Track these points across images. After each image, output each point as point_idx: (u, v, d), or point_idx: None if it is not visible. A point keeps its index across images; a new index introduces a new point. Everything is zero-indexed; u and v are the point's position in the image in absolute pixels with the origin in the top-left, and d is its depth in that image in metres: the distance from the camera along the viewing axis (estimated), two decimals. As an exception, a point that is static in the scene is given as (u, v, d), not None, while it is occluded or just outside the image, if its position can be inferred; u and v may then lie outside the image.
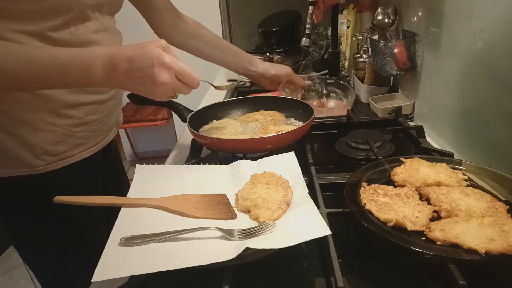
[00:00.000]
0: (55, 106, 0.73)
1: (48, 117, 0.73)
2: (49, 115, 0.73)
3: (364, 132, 0.92)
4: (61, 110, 0.74)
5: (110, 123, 0.90)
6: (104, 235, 0.92)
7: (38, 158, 0.74)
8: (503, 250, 0.46)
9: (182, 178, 0.71)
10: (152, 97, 0.66)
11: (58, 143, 0.76)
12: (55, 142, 0.75)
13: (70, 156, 0.79)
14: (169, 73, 0.62)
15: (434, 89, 0.97)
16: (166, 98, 0.67)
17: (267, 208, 0.59)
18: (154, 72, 0.61)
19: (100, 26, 0.77)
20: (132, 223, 0.58)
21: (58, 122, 0.74)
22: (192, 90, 0.68)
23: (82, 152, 0.82)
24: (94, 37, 0.75)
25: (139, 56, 0.62)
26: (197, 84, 0.67)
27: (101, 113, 0.83)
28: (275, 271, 0.58)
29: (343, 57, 1.54)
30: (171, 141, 3.06)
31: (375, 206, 0.57)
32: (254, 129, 0.91)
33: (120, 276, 0.47)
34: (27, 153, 0.73)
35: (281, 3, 1.71)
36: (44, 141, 0.74)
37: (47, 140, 0.74)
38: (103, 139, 0.88)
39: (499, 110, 0.70)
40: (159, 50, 0.62)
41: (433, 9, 0.92)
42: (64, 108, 0.75)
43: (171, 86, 0.64)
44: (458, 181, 0.63)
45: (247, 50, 1.74)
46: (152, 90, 0.64)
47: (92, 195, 0.63)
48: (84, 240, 0.86)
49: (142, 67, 0.61)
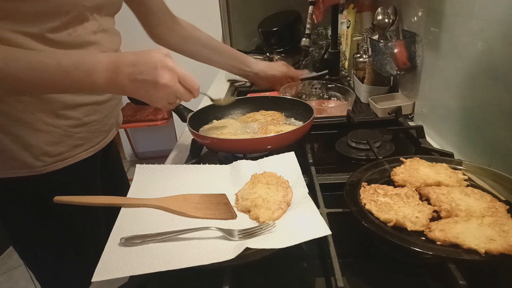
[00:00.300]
0: (54, 107, 0.73)
1: (47, 118, 0.73)
2: (48, 116, 0.73)
3: (364, 132, 0.92)
4: (60, 111, 0.74)
5: (109, 124, 0.89)
6: (104, 235, 0.92)
7: (37, 159, 0.74)
8: (503, 250, 0.46)
9: (182, 178, 0.71)
10: (152, 101, 0.67)
11: (57, 144, 0.76)
12: (54, 143, 0.75)
13: (69, 157, 0.79)
14: (171, 75, 0.64)
15: (434, 89, 0.97)
16: (165, 104, 0.68)
17: (267, 208, 0.59)
18: (157, 74, 0.63)
19: (99, 27, 0.77)
20: (132, 223, 0.58)
21: (57, 123, 0.74)
22: (191, 98, 0.70)
23: (81, 153, 0.81)
24: (92, 38, 0.75)
25: (143, 60, 0.63)
26: (198, 90, 0.70)
27: (100, 114, 0.83)
28: (275, 271, 0.58)
29: (343, 57, 1.54)
30: (171, 141, 3.06)
31: (375, 206, 0.57)
32: (254, 129, 0.91)
33: (120, 276, 0.47)
34: (26, 154, 0.72)
35: (281, 3, 1.71)
36: (43, 142, 0.74)
37: (46, 141, 0.74)
38: (102, 139, 0.88)
39: (499, 110, 0.70)
40: (162, 55, 0.64)
41: (433, 9, 0.92)
42: (63, 109, 0.74)
43: (172, 90, 0.65)
44: (458, 181, 0.63)
45: (247, 50, 1.75)
46: (153, 94, 0.65)
47: (92, 195, 0.64)
48: (84, 240, 0.86)
49: (145, 70, 0.63)
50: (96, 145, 0.85)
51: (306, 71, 1.26)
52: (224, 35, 1.85)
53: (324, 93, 1.29)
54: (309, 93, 1.30)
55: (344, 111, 1.06)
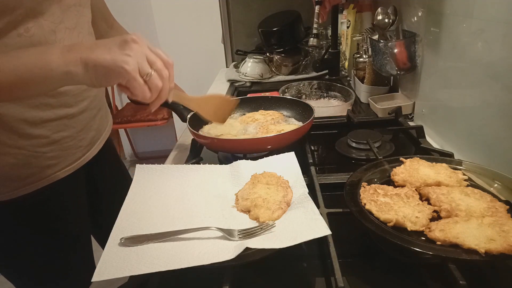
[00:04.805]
0: (14, 126, 0.65)
1: (7, 140, 0.65)
2: (8, 137, 0.65)
3: (364, 132, 0.92)
4: (23, 130, 0.66)
5: (88, 138, 0.81)
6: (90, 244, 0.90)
7: (1, 184, 0.68)
8: (503, 250, 0.46)
9: (182, 178, 0.71)
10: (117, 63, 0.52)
11: (22, 166, 0.69)
12: (20, 165, 0.68)
13: (41, 179, 0.72)
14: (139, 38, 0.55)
15: (434, 89, 0.97)
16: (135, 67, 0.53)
17: (267, 208, 0.59)
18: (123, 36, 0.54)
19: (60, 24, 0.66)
20: (132, 223, 0.58)
21: (20, 143, 0.67)
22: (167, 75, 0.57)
23: (57, 173, 0.74)
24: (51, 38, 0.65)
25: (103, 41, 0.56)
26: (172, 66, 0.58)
27: (73, 129, 0.75)
28: (275, 271, 0.58)
29: (343, 57, 1.54)
30: (171, 141, 3.06)
31: (375, 206, 0.57)
32: (254, 129, 0.91)
33: (120, 276, 0.47)
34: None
35: (281, 3, 1.71)
36: (6, 165, 0.67)
37: (9, 165, 0.67)
38: (82, 155, 0.80)
39: (499, 110, 0.70)
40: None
41: (433, 9, 0.92)
42: (26, 127, 0.66)
43: (141, 49, 0.54)
44: (458, 181, 0.63)
45: (247, 50, 1.75)
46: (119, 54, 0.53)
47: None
48: (68, 255, 0.83)
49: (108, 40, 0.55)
50: (74, 162, 0.78)
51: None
52: (224, 35, 1.85)
53: (324, 93, 1.29)
54: (309, 93, 1.30)
55: (344, 111, 1.06)
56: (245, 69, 1.58)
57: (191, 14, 2.48)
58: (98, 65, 0.53)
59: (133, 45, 0.54)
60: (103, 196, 0.95)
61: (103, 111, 0.88)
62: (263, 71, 1.57)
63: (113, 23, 0.97)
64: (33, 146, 0.69)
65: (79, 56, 0.53)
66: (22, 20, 0.60)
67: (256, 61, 1.58)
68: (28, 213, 0.75)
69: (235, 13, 1.80)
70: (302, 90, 1.30)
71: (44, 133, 0.69)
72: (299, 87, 1.30)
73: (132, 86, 0.55)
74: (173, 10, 2.48)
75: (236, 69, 1.68)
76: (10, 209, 0.72)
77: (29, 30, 0.61)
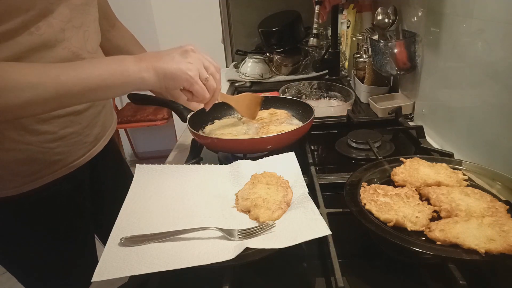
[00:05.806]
0: (23, 123, 0.67)
1: (16, 135, 0.67)
2: (17, 133, 0.67)
3: (364, 132, 0.92)
4: (32, 126, 0.68)
5: (93, 134, 0.82)
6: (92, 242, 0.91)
7: (9, 180, 0.69)
8: (503, 250, 0.46)
9: (182, 178, 0.71)
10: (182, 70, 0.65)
11: (31, 161, 0.70)
12: (28, 161, 0.70)
13: (46, 175, 0.73)
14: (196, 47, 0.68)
15: (434, 89, 0.97)
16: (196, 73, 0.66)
17: (267, 208, 0.59)
18: (181, 47, 0.67)
19: (68, 22, 0.68)
20: (132, 223, 0.58)
21: (28, 139, 0.68)
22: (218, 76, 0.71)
23: (61, 169, 0.76)
24: (60, 36, 0.67)
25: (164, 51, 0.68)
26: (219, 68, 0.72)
27: (79, 125, 0.77)
28: (275, 271, 0.58)
29: (343, 57, 1.54)
30: (171, 141, 3.06)
31: (375, 206, 0.57)
32: (255, 129, 0.91)
33: (120, 276, 0.47)
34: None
35: (281, 3, 1.71)
36: (14, 161, 0.68)
37: (17, 160, 0.68)
38: (87, 152, 0.81)
39: (499, 110, 0.70)
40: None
41: (433, 9, 0.92)
42: (34, 123, 0.68)
43: (198, 56, 0.67)
44: (458, 181, 0.63)
45: (247, 50, 1.75)
46: (182, 60, 0.66)
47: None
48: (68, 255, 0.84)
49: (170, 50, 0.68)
50: (79, 158, 0.79)
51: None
52: (224, 35, 1.85)
53: (324, 93, 1.29)
54: (309, 93, 1.30)
55: (344, 111, 1.06)
56: (245, 69, 1.58)
57: (191, 14, 2.48)
58: (167, 72, 0.64)
59: (192, 54, 0.67)
60: (105, 194, 0.95)
61: (107, 108, 0.90)
62: (263, 71, 1.57)
63: (115, 22, 0.97)
64: (41, 142, 0.70)
65: (150, 64, 0.64)
66: (34, 20, 0.62)
67: (256, 61, 1.58)
68: (32, 209, 0.75)
69: (235, 13, 1.80)
70: (302, 90, 1.30)
71: (51, 129, 0.71)
72: (299, 87, 1.30)
73: (195, 89, 0.68)
74: (173, 10, 2.48)
75: (236, 69, 1.68)
76: (14, 206, 0.73)
77: (39, 29, 0.63)
